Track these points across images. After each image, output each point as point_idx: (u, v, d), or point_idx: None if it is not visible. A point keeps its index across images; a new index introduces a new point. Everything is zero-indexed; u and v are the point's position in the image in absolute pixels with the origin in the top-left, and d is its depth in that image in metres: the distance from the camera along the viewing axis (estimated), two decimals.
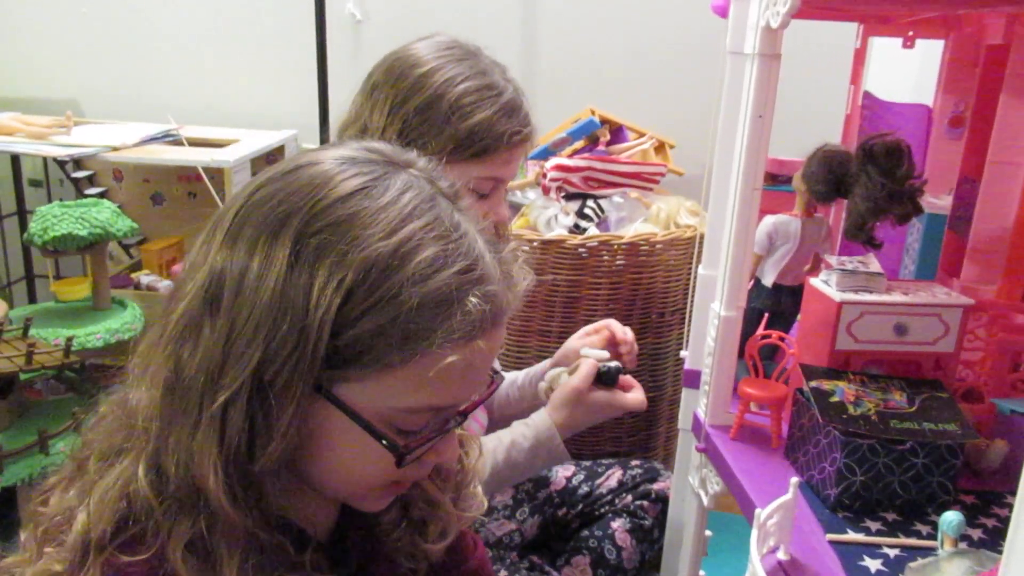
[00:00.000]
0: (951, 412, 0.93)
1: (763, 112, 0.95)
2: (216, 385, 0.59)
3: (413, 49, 1.16)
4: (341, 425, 0.62)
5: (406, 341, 0.59)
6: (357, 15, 2.51)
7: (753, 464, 1.00)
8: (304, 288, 0.58)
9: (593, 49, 2.47)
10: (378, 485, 0.68)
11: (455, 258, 0.61)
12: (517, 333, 1.82)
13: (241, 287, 0.59)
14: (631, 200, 1.93)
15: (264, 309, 0.58)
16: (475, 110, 1.11)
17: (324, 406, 0.62)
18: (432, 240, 0.61)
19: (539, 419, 1.22)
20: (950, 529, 0.78)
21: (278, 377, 0.58)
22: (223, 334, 0.59)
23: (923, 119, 1.40)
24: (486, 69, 1.15)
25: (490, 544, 1.36)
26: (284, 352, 0.58)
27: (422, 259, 0.60)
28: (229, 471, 0.59)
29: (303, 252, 0.59)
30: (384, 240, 0.59)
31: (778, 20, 0.88)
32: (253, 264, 0.59)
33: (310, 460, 0.65)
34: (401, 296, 0.59)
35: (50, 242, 1.83)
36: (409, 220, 0.61)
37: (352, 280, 0.58)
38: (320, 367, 0.59)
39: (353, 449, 0.64)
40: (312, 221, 0.60)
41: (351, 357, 0.60)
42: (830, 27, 1.47)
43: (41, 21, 2.71)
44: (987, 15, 1.26)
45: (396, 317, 0.59)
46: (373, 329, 0.59)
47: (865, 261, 1.05)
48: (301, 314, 0.58)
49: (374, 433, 0.62)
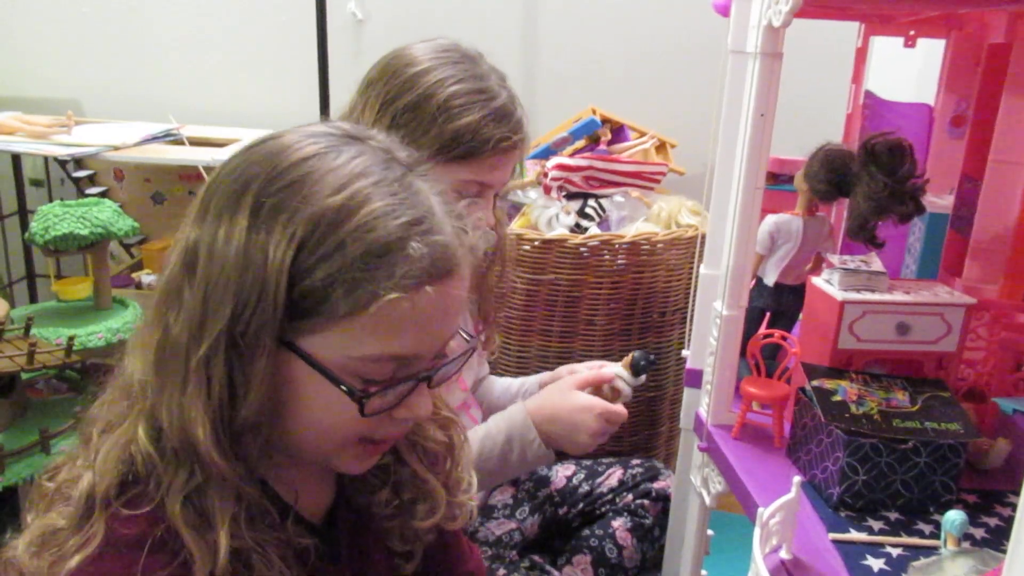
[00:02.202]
0: (953, 411, 0.93)
1: (765, 111, 0.95)
2: (198, 341, 0.64)
3: (411, 49, 1.16)
4: (307, 376, 0.66)
5: (355, 289, 0.63)
6: (358, 15, 2.51)
7: (755, 463, 1.00)
8: (262, 245, 0.63)
9: (594, 48, 2.47)
10: (350, 439, 0.71)
11: (402, 211, 0.65)
12: (518, 333, 1.82)
13: (212, 252, 0.64)
14: (632, 199, 1.93)
15: (231, 268, 0.63)
16: (463, 112, 1.11)
17: (292, 359, 0.66)
18: (380, 195, 0.65)
19: (514, 409, 1.22)
20: (953, 528, 0.78)
21: (248, 329, 0.63)
22: (200, 295, 0.64)
23: (925, 118, 1.39)
24: (482, 74, 1.15)
25: (490, 543, 1.35)
26: (250, 306, 0.63)
27: (368, 211, 0.64)
28: (216, 422, 0.64)
29: (261, 213, 0.64)
30: (333, 196, 0.64)
31: (780, 19, 0.89)
32: (220, 231, 0.64)
33: (285, 416, 0.68)
34: (347, 246, 0.63)
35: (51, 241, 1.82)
36: (359, 178, 0.65)
37: (303, 233, 0.63)
38: (283, 319, 0.63)
39: (319, 400, 0.67)
40: (268, 185, 0.64)
41: (309, 308, 0.64)
42: (831, 26, 1.47)
43: (42, 21, 2.71)
44: (989, 14, 1.26)
45: (344, 266, 0.63)
46: (325, 279, 0.63)
47: (867, 260, 1.05)
48: (261, 269, 0.63)
49: (333, 379, 0.65)
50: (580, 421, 1.20)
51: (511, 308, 1.80)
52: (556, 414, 1.21)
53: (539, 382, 1.43)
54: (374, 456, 0.75)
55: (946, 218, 1.28)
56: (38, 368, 1.66)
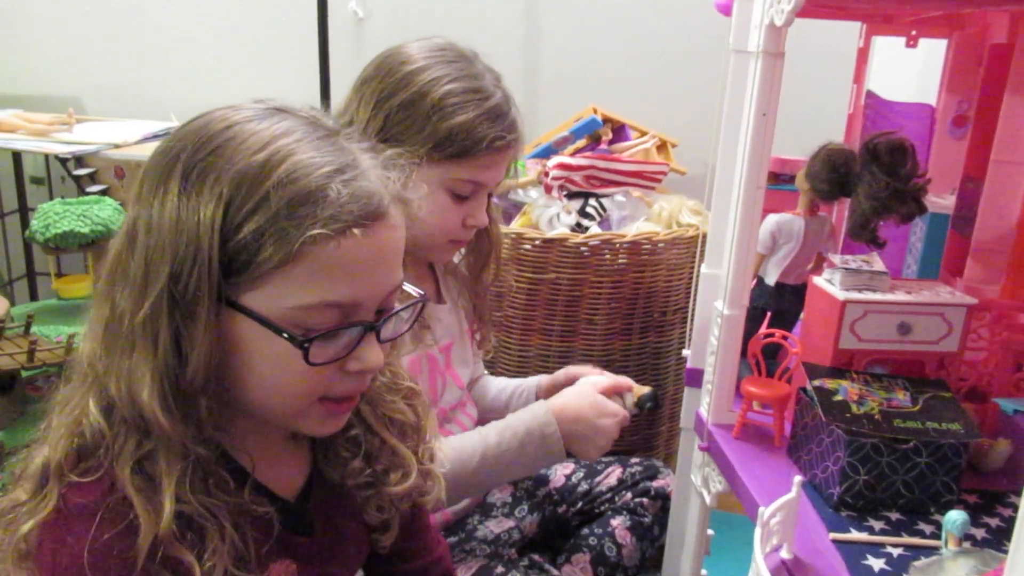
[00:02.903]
0: (955, 412, 0.93)
1: (767, 110, 0.95)
2: (140, 304, 0.66)
3: (406, 47, 1.16)
4: (252, 333, 0.68)
5: (282, 238, 0.65)
6: (359, 13, 2.51)
7: (756, 463, 1.00)
8: (194, 208, 0.65)
9: (595, 48, 2.46)
10: (304, 395, 0.71)
11: (324, 162, 0.68)
12: (519, 332, 1.82)
13: (149, 223, 0.67)
14: (633, 199, 1.93)
15: (167, 233, 0.66)
16: (457, 111, 1.11)
17: (236, 317, 0.68)
18: (302, 149, 0.67)
19: (536, 405, 1.24)
20: (955, 528, 0.78)
21: (187, 289, 0.65)
22: (141, 263, 0.67)
23: (926, 118, 1.39)
24: (476, 73, 1.15)
25: (489, 541, 1.35)
26: (187, 267, 0.65)
27: (290, 163, 0.66)
28: (163, 384, 0.66)
29: (190, 179, 0.66)
30: (256, 154, 0.66)
31: (782, 18, 0.88)
32: (155, 203, 0.67)
33: (237, 375, 0.70)
34: (271, 198, 0.65)
35: (52, 239, 1.82)
36: (281, 137, 0.68)
37: (229, 192, 0.65)
38: (219, 277, 0.66)
39: (268, 355, 0.69)
40: (195, 154, 0.67)
41: (243, 263, 0.66)
42: (833, 26, 1.47)
43: (43, 18, 2.71)
44: (991, 14, 1.26)
45: (270, 217, 0.65)
46: (254, 232, 0.65)
47: (869, 260, 1.05)
48: (194, 231, 0.65)
49: (274, 328, 0.67)
50: (603, 426, 1.23)
51: (511, 307, 1.80)
52: (581, 415, 1.23)
53: (537, 385, 1.43)
54: (338, 417, 0.76)
55: (947, 218, 1.28)
56: (38, 366, 1.66)
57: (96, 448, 0.68)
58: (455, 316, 1.34)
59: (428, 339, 1.24)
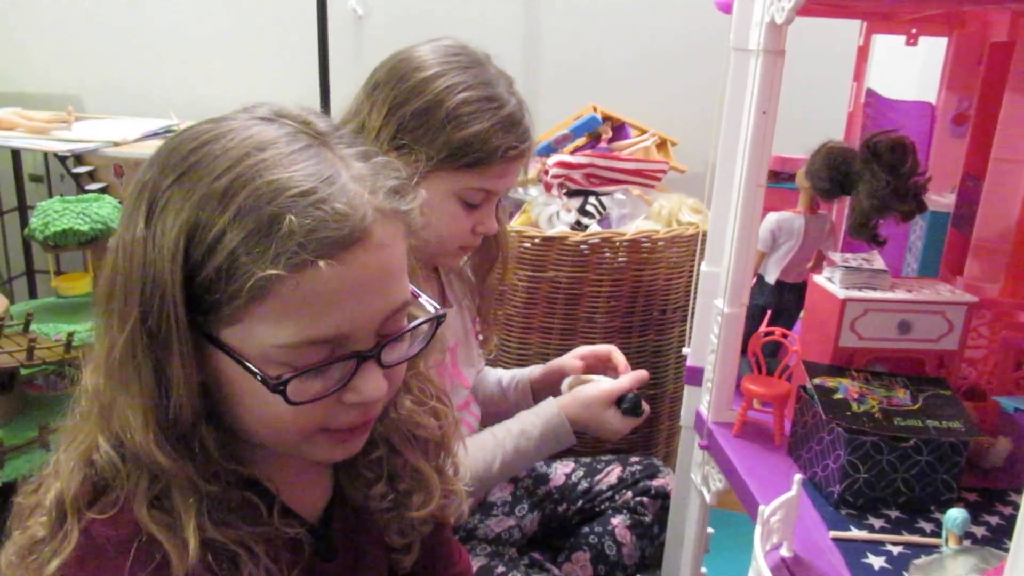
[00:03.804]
0: (955, 410, 0.93)
1: (767, 108, 0.95)
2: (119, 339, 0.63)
3: (419, 52, 1.15)
4: (233, 367, 0.64)
5: (243, 276, 0.60)
6: (359, 11, 2.51)
7: (756, 461, 1.00)
8: (158, 241, 0.62)
9: (595, 46, 2.46)
10: (298, 430, 0.67)
11: (293, 183, 0.61)
12: (519, 330, 1.82)
13: (123, 252, 0.64)
14: (633, 197, 1.93)
15: (135, 266, 0.63)
16: (472, 121, 1.10)
17: (216, 352, 0.64)
18: (268, 170, 0.61)
19: (546, 408, 1.24)
20: (955, 526, 0.78)
21: (161, 326, 0.62)
22: (121, 299, 0.64)
23: (926, 117, 1.39)
24: (490, 80, 1.14)
25: (489, 540, 1.36)
26: (155, 301, 0.62)
27: (250, 189, 0.61)
28: (156, 423, 0.63)
29: (155, 209, 0.63)
30: (219, 179, 0.61)
31: (783, 16, 0.88)
32: (127, 232, 0.64)
33: (229, 408, 0.67)
34: (227, 234, 0.60)
35: (51, 237, 1.82)
36: (252, 154, 0.62)
37: (188, 227, 0.61)
38: (186, 312, 0.62)
39: (248, 390, 0.65)
40: (162, 180, 0.63)
41: (214, 299, 0.62)
42: (833, 24, 1.46)
43: (42, 16, 2.71)
44: (991, 12, 1.26)
45: (229, 254, 0.60)
46: (216, 269, 0.61)
47: (869, 258, 1.05)
48: (160, 265, 0.61)
49: (247, 368, 0.63)
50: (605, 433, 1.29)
51: (512, 306, 1.80)
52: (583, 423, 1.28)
53: (530, 376, 1.44)
54: (348, 444, 0.71)
55: (947, 216, 1.28)
56: (37, 364, 1.66)
57: (110, 482, 0.65)
58: (460, 317, 1.34)
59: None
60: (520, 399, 1.44)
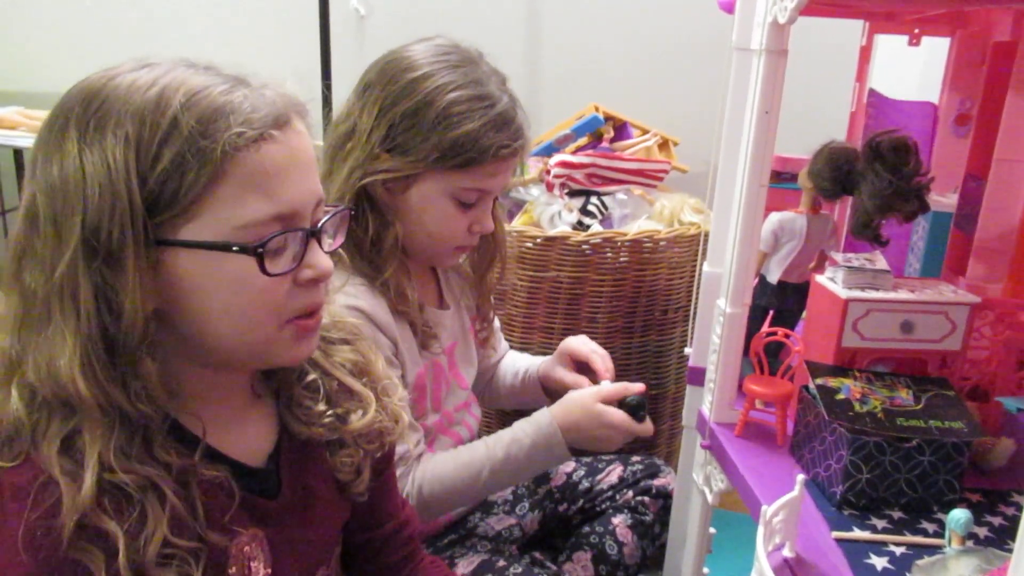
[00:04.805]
0: (957, 410, 0.93)
1: (769, 108, 0.95)
2: (53, 269, 0.64)
3: (409, 51, 1.14)
4: (200, 264, 0.67)
5: (204, 156, 0.65)
6: (361, 11, 2.51)
7: (758, 461, 1.00)
8: (98, 159, 0.64)
9: (597, 46, 2.46)
10: (268, 316, 0.71)
11: (216, 83, 0.68)
12: (520, 330, 1.82)
13: (51, 190, 0.65)
14: (635, 197, 1.93)
15: (73, 190, 0.64)
16: (463, 120, 1.09)
17: (172, 256, 0.67)
18: (191, 77, 0.68)
19: (540, 416, 1.22)
20: (958, 527, 0.78)
21: (110, 239, 0.64)
22: (48, 231, 0.65)
23: (929, 117, 1.39)
24: (481, 78, 1.13)
25: (490, 538, 1.35)
26: (104, 217, 0.64)
27: (185, 88, 0.66)
28: (85, 346, 0.64)
29: (87, 133, 0.65)
30: (149, 91, 0.66)
31: (786, 16, 0.88)
32: (53, 169, 0.65)
33: (195, 317, 0.69)
34: (180, 122, 0.65)
35: None
36: (166, 73, 0.68)
37: (134, 131, 0.64)
38: (147, 218, 0.65)
39: (221, 282, 0.68)
40: (86, 109, 0.66)
41: (171, 196, 0.65)
42: (836, 24, 1.47)
43: (44, 15, 2.71)
44: (994, 12, 1.26)
45: (185, 140, 0.65)
46: (172, 160, 0.65)
47: (871, 258, 1.05)
48: (105, 178, 0.64)
49: (223, 246, 0.67)
50: (602, 436, 1.21)
51: (513, 305, 1.80)
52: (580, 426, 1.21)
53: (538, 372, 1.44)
54: (310, 336, 0.76)
55: (950, 216, 1.28)
56: None
57: (14, 435, 0.67)
58: (458, 316, 1.33)
59: (435, 347, 1.23)
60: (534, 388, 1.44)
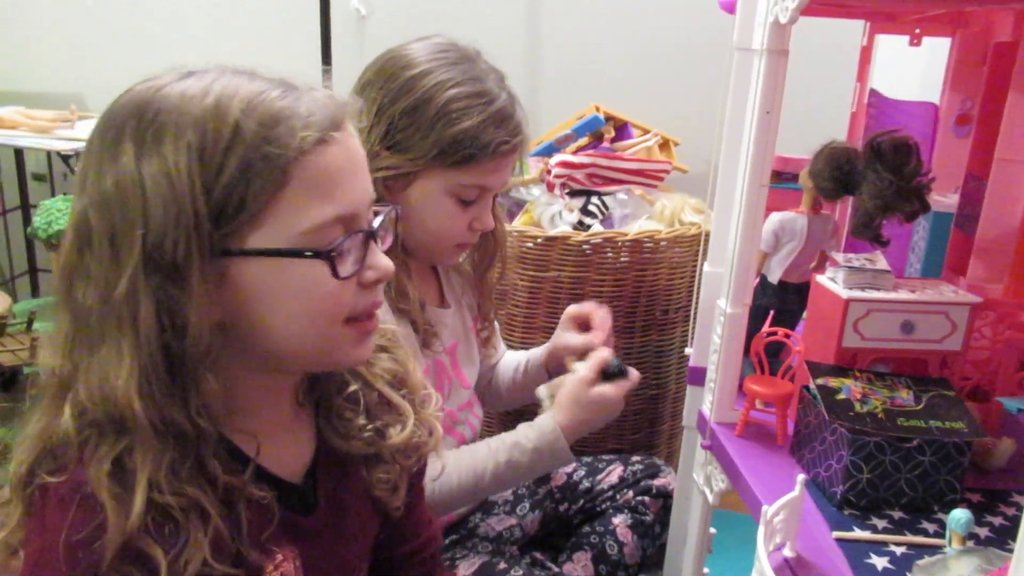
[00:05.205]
0: (958, 410, 0.93)
1: (771, 108, 0.95)
2: (112, 288, 0.63)
3: (407, 49, 1.14)
4: (268, 272, 0.67)
5: (269, 163, 0.64)
6: (362, 11, 2.51)
7: (759, 461, 1.00)
8: (159, 170, 0.62)
9: (598, 46, 2.46)
10: (334, 319, 0.71)
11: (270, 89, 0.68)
12: (521, 330, 1.82)
13: (105, 204, 0.63)
14: (635, 197, 1.93)
15: (132, 205, 0.62)
16: (462, 117, 1.09)
17: (242, 265, 0.66)
18: (246, 86, 0.67)
19: (543, 421, 1.21)
20: (959, 527, 0.78)
21: (175, 252, 0.62)
22: (104, 247, 0.63)
23: (929, 117, 1.39)
24: (480, 75, 1.13)
25: (490, 539, 1.35)
26: (168, 229, 0.62)
27: (242, 96, 0.66)
28: (146, 365, 0.63)
29: (145, 144, 0.63)
30: (203, 99, 0.65)
31: (787, 15, 0.88)
32: (107, 182, 0.63)
33: (258, 326, 0.68)
34: (243, 129, 0.64)
35: (54, 236, 1.82)
36: (216, 81, 0.67)
37: (196, 140, 0.63)
38: (213, 229, 0.63)
39: (290, 288, 0.68)
40: (142, 117, 0.64)
41: (237, 206, 0.64)
42: (836, 25, 1.46)
43: (45, 15, 2.71)
44: (995, 12, 1.26)
45: (250, 146, 0.64)
46: (238, 167, 0.64)
47: (872, 259, 1.05)
48: (168, 191, 0.62)
49: (297, 253, 0.66)
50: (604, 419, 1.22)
51: (514, 305, 1.80)
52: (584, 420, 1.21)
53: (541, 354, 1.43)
54: (368, 338, 0.76)
55: (950, 217, 1.28)
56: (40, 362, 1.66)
57: (63, 455, 0.66)
58: (459, 316, 1.33)
59: (436, 346, 1.23)
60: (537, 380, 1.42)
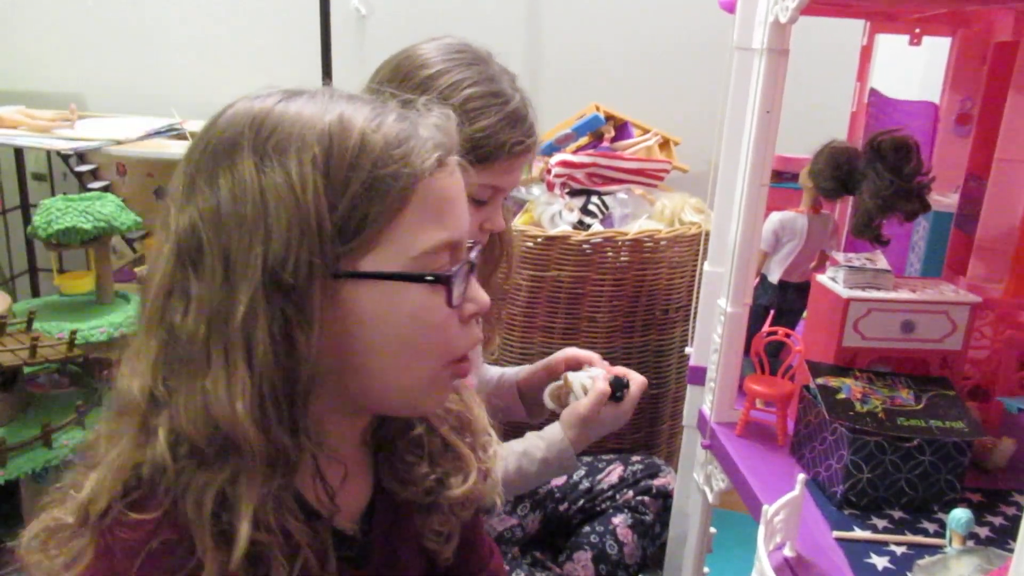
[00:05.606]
0: (958, 410, 0.93)
1: (771, 108, 0.95)
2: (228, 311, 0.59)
3: (422, 49, 1.14)
4: (379, 298, 0.64)
5: (392, 186, 0.62)
6: (362, 10, 2.51)
7: (759, 461, 1.00)
8: (283, 182, 0.60)
9: (598, 45, 2.46)
10: (439, 354, 0.68)
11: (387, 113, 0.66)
12: (521, 329, 1.82)
13: (219, 219, 0.60)
14: (635, 197, 1.93)
15: (252, 220, 0.59)
16: (478, 117, 1.10)
17: (354, 289, 0.63)
18: (360, 108, 0.65)
19: (553, 434, 1.21)
20: (959, 527, 0.78)
21: (296, 271, 0.59)
22: (218, 273, 0.60)
23: (930, 116, 1.39)
24: (494, 76, 1.13)
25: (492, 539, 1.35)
26: (292, 246, 0.59)
27: (362, 115, 0.64)
28: (261, 390, 0.59)
29: (266, 156, 0.60)
30: (325, 115, 0.63)
31: (787, 15, 0.88)
32: (222, 193, 0.60)
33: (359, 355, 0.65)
34: (368, 147, 0.62)
35: (54, 235, 1.82)
36: (330, 101, 0.65)
37: (322, 154, 0.61)
38: (333, 246, 0.61)
39: (401, 316, 0.65)
40: (260, 131, 0.61)
41: (357, 226, 0.62)
42: (837, 24, 1.46)
43: (45, 15, 2.71)
44: (995, 12, 1.26)
45: (374, 164, 0.62)
46: (362, 188, 0.62)
47: (872, 258, 1.05)
48: (292, 205, 0.59)
49: (414, 277, 0.64)
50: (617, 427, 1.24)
51: (514, 305, 1.80)
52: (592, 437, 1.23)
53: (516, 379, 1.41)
54: (450, 385, 0.73)
55: (950, 216, 1.28)
56: (40, 362, 1.66)
57: (155, 484, 0.61)
58: None
59: None
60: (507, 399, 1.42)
